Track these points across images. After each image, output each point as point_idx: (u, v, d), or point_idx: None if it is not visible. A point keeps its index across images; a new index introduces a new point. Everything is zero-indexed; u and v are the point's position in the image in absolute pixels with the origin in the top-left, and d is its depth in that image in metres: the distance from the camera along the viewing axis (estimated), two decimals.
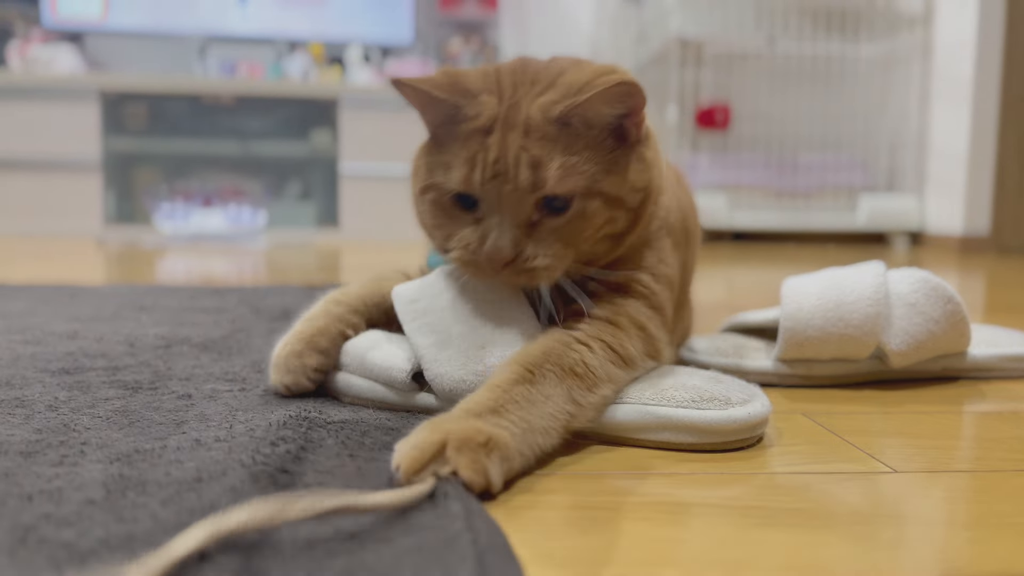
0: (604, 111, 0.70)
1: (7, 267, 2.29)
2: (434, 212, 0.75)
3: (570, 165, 0.69)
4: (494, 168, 0.69)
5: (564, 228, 0.71)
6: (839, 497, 0.59)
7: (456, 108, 0.72)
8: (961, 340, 0.94)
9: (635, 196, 0.74)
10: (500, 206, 0.70)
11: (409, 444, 0.57)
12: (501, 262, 0.69)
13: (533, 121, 0.70)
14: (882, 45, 3.60)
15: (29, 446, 0.63)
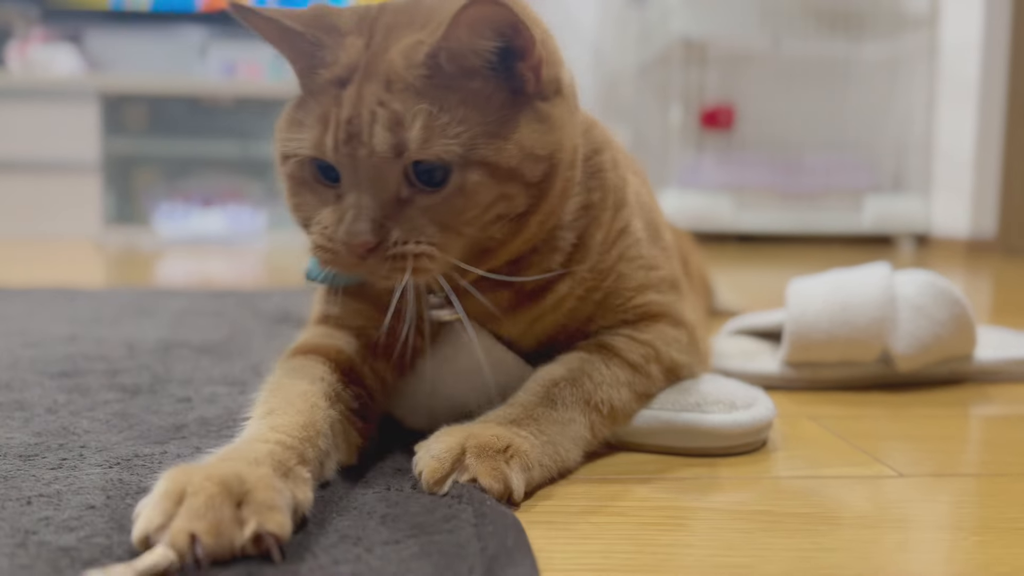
0: (475, 44, 0.56)
1: (6, 269, 2.29)
2: (293, 188, 0.61)
3: (439, 124, 0.55)
4: (347, 128, 0.56)
5: (441, 207, 0.57)
6: (845, 501, 0.58)
7: (315, 48, 0.59)
8: (968, 343, 0.93)
9: (535, 167, 0.58)
10: (355, 178, 0.56)
11: (429, 453, 0.55)
12: (361, 248, 0.55)
13: (395, 69, 0.56)
14: (887, 46, 3.59)
15: (28, 449, 0.63)
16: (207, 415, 0.73)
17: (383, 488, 0.56)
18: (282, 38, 0.60)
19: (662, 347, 0.70)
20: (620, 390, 0.65)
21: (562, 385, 0.63)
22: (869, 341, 0.89)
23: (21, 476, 0.57)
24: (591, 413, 0.63)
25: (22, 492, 0.54)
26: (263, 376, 0.88)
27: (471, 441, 0.55)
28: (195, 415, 0.73)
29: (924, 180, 3.51)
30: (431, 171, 0.56)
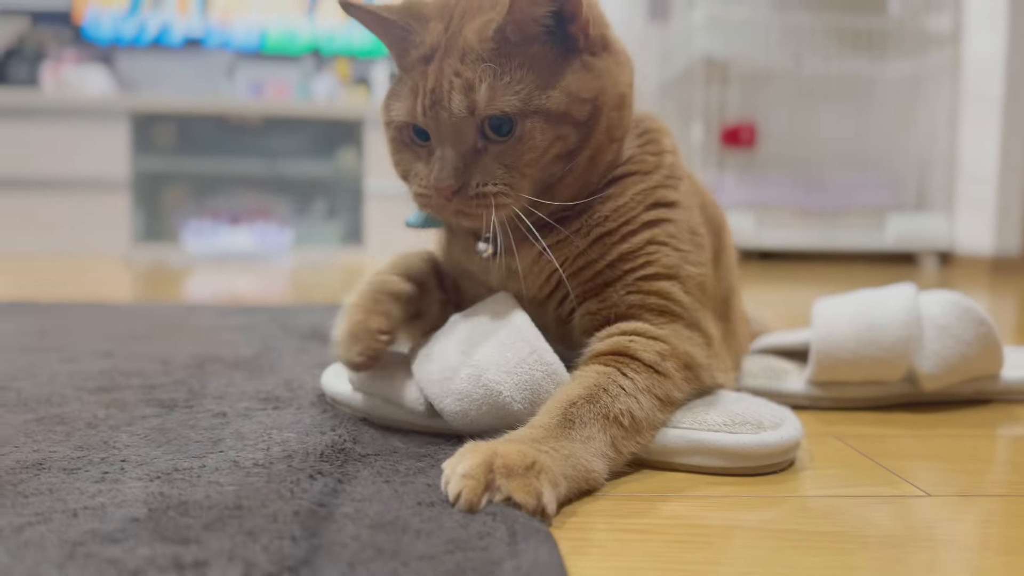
0: (534, 12, 0.67)
1: (40, 284, 2.33)
2: (394, 148, 0.75)
3: (502, 84, 0.67)
4: (432, 96, 0.68)
5: (508, 152, 0.68)
6: (872, 521, 0.59)
7: (407, 33, 0.71)
8: (993, 363, 0.94)
9: (582, 108, 0.69)
10: (440, 135, 0.69)
11: (459, 472, 0.56)
12: (447, 191, 0.68)
13: (468, 44, 0.68)
14: (910, 64, 3.58)
15: (71, 463, 0.65)
16: (243, 430, 0.75)
17: (414, 503, 0.57)
18: (380, 26, 0.73)
19: (677, 343, 0.71)
20: (639, 398, 0.66)
21: (579, 404, 0.64)
22: (895, 361, 0.89)
23: (66, 489, 0.59)
24: (611, 427, 0.64)
25: (67, 505, 0.55)
26: (295, 391, 0.90)
27: (498, 460, 0.56)
28: (231, 429, 0.75)
29: (947, 197, 3.49)
30: (500, 124, 0.68)
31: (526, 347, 0.71)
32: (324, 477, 0.61)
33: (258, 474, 0.62)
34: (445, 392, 0.71)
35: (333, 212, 4.17)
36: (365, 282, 0.80)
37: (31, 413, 0.80)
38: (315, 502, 0.56)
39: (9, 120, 3.75)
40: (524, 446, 0.59)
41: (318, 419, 0.79)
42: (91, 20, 4.04)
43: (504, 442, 0.60)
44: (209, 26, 4.11)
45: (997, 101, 3.21)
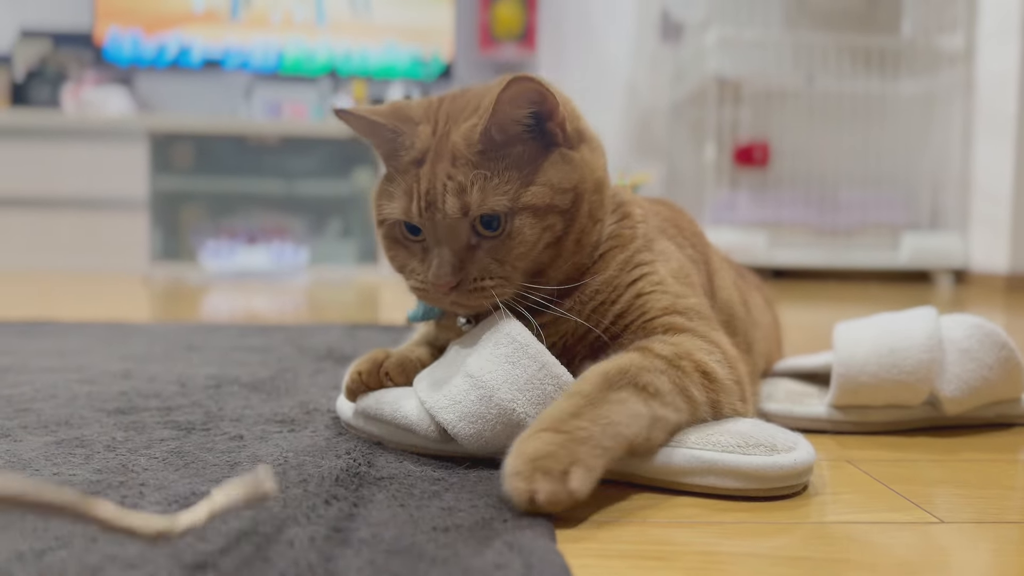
0: (515, 114, 0.72)
1: (59, 303, 2.36)
2: (388, 244, 0.78)
3: (491, 186, 0.72)
4: (426, 199, 0.73)
5: (500, 247, 0.73)
6: (885, 548, 0.59)
7: (397, 136, 0.76)
8: (1016, 386, 0.93)
9: (565, 197, 0.74)
10: (436, 235, 0.73)
11: (524, 477, 0.59)
12: (446, 288, 0.73)
13: (457, 148, 0.73)
14: (923, 82, 3.58)
15: (90, 486, 0.66)
16: (259, 453, 0.75)
17: (430, 528, 0.57)
18: (371, 130, 0.77)
19: (692, 349, 0.74)
20: (659, 377, 0.70)
21: (612, 372, 0.68)
22: (917, 384, 0.89)
23: None
24: (641, 392, 0.68)
25: (87, 529, 0.56)
26: (311, 413, 0.91)
27: (540, 464, 0.60)
28: (247, 453, 0.76)
29: (961, 216, 3.48)
30: (490, 220, 0.72)
31: (534, 363, 0.72)
32: (339, 502, 0.62)
33: (274, 499, 0.62)
34: (458, 416, 0.71)
35: (348, 231, 4.20)
36: (407, 348, 0.86)
37: (51, 435, 0.81)
38: (331, 527, 0.56)
39: (31, 141, 3.81)
40: (563, 439, 0.61)
41: (333, 442, 0.80)
42: (111, 42, 4.10)
43: (550, 435, 0.62)
44: (227, 47, 4.16)
45: (1010, 119, 3.20)
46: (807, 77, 3.53)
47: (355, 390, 0.81)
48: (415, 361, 0.82)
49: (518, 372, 0.71)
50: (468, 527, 0.58)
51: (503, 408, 0.70)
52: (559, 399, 0.67)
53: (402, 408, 0.76)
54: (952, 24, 3.45)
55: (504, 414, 0.70)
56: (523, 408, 0.70)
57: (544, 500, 0.58)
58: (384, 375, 0.80)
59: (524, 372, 0.71)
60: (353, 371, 0.81)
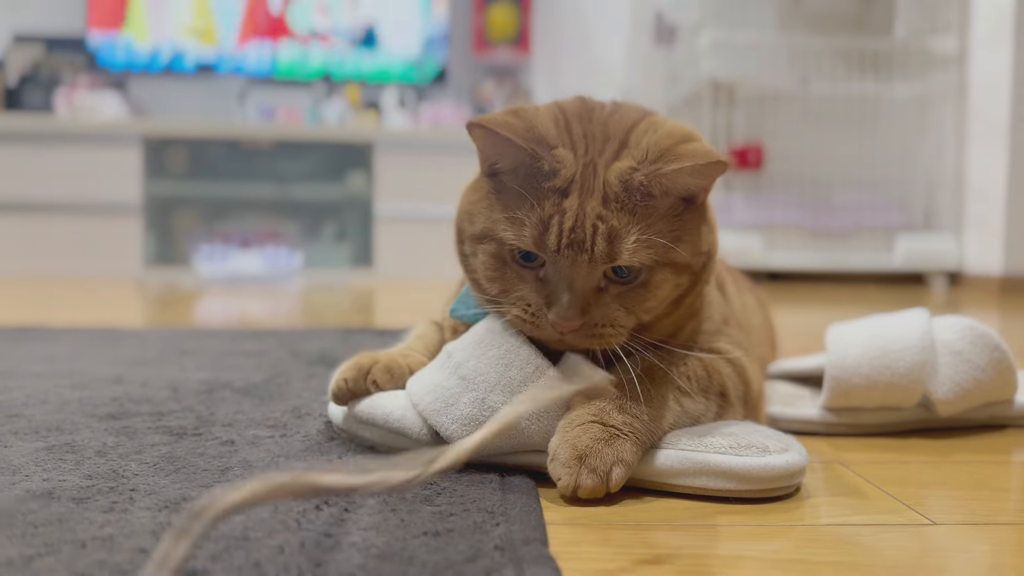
0: (688, 183, 0.70)
1: (52, 308, 2.35)
2: (492, 264, 0.73)
3: (644, 238, 0.69)
4: (570, 236, 0.68)
5: (629, 295, 0.71)
6: (879, 550, 0.59)
7: (532, 158, 0.70)
8: (1008, 388, 0.93)
9: (699, 259, 0.73)
10: (570, 274, 0.69)
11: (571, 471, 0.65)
12: (568, 329, 0.69)
13: (611, 189, 0.69)
14: (916, 85, 3.59)
15: (80, 492, 0.65)
16: (250, 458, 0.75)
17: (420, 532, 0.57)
18: (505, 148, 0.71)
19: (720, 365, 0.78)
20: (691, 382, 0.75)
21: (658, 369, 0.73)
22: (909, 386, 0.89)
23: (75, 519, 0.59)
24: (676, 392, 0.73)
25: (77, 535, 0.56)
26: (303, 418, 0.91)
27: (587, 462, 0.65)
28: (239, 458, 0.75)
29: (956, 218, 3.49)
30: (625, 270, 0.70)
31: (528, 365, 0.72)
32: (330, 507, 0.61)
33: (265, 504, 0.62)
34: (451, 419, 0.71)
35: (343, 235, 4.19)
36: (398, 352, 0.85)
37: (41, 441, 0.81)
38: (321, 532, 0.56)
39: (24, 145, 3.80)
40: (608, 436, 0.66)
41: (325, 447, 0.79)
42: (105, 46, 4.09)
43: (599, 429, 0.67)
44: (221, 52, 4.16)
45: (1004, 121, 3.21)
46: (801, 80, 3.54)
47: (341, 397, 0.80)
48: (404, 367, 0.81)
49: (512, 374, 0.72)
50: (460, 532, 0.57)
51: (496, 411, 0.70)
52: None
53: (394, 412, 0.76)
54: (945, 27, 3.46)
55: (497, 417, 0.70)
56: None
57: (585, 494, 0.65)
58: (371, 383, 0.79)
59: (518, 374, 0.72)
60: (339, 378, 0.80)
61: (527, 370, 0.72)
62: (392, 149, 3.96)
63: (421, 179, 3.88)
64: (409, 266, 3.89)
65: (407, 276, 3.85)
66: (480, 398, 0.71)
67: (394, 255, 3.94)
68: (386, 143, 3.97)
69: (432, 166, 3.83)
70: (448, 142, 3.85)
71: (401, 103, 4.21)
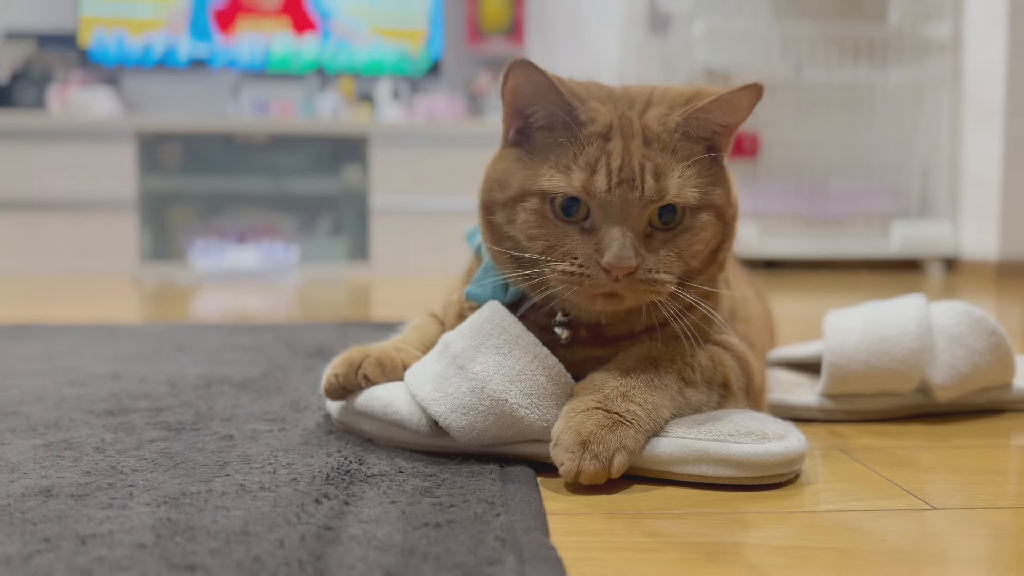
0: (717, 119, 0.72)
1: (47, 306, 2.34)
2: (534, 222, 0.72)
3: (687, 176, 0.70)
4: (620, 175, 0.69)
5: (676, 241, 0.71)
6: (878, 536, 0.59)
7: (568, 109, 0.71)
8: (1006, 372, 0.94)
9: (730, 210, 0.74)
10: (622, 215, 0.69)
11: (574, 457, 0.65)
12: (624, 271, 0.68)
13: (651, 131, 0.71)
14: (911, 72, 3.58)
15: (79, 489, 0.65)
16: (249, 452, 0.75)
17: (421, 524, 0.57)
18: (546, 94, 0.72)
19: (724, 358, 0.78)
20: (695, 373, 0.75)
21: (663, 359, 0.74)
22: (907, 372, 0.89)
23: (74, 516, 0.59)
24: (680, 381, 0.73)
25: (76, 531, 0.56)
26: (301, 411, 0.91)
27: (590, 448, 0.65)
28: (238, 452, 0.75)
29: (951, 204, 3.49)
30: (665, 213, 0.70)
31: (526, 354, 0.72)
32: (330, 500, 0.61)
33: (265, 498, 0.62)
34: (449, 408, 0.71)
35: (339, 229, 4.18)
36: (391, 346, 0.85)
37: (39, 438, 0.80)
38: (322, 525, 0.56)
39: (17, 143, 3.78)
40: (612, 423, 0.67)
41: (324, 440, 0.79)
42: (97, 42, 4.07)
43: (602, 415, 0.67)
44: (214, 46, 4.14)
45: (998, 107, 3.21)
46: (795, 68, 3.53)
47: (332, 393, 0.80)
48: (396, 360, 0.81)
49: (510, 363, 0.72)
50: (460, 523, 0.57)
51: (495, 399, 0.70)
52: (610, 371, 0.72)
53: (393, 403, 0.76)
54: (939, 13, 3.46)
55: (496, 405, 0.70)
56: (515, 399, 0.70)
57: (587, 480, 0.66)
58: (362, 377, 0.79)
59: (516, 363, 0.72)
60: (330, 373, 0.81)
61: (525, 359, 0.72)
62: (387, 142, 3.94)
63: (416, 172, 3.87)
64: (405, 259, 3.88)
65: (403, 270, 3.84)
66: (479, 387, 0.71)
67: (390, 249, 3.93)
68: (381, 136, 3.95)
69: (427, 159, 3.82)
70: (443, 134, 3.83)
71: (395, 95, 4.19)
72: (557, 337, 0.77)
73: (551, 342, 0.76)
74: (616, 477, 0.67)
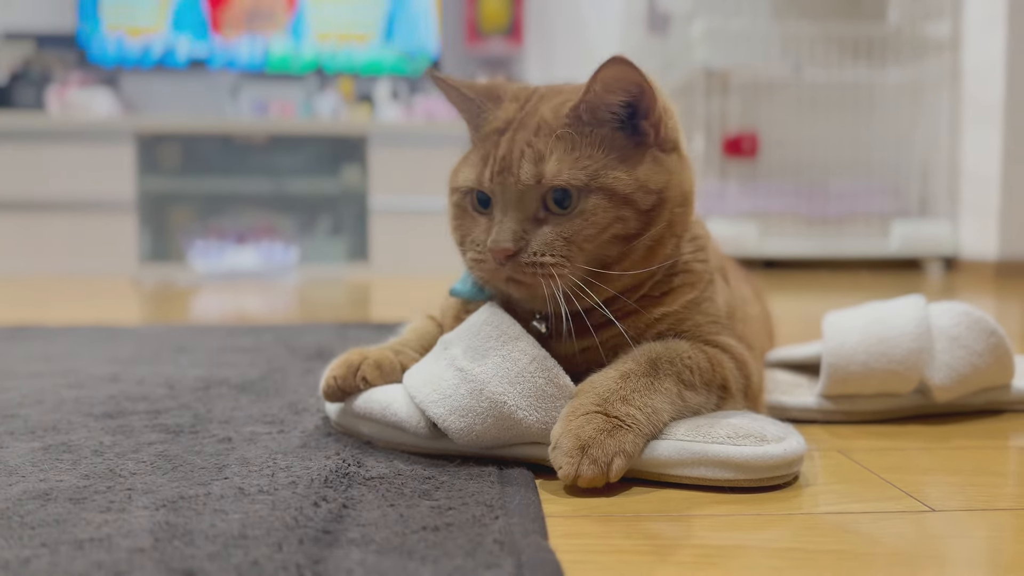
0: (608, 99, 0.72)
1: (47, 307, 2.34)
2: (455, 213, 0.78)
3: (572, 158, 0.71)
4: (501, 164, 0.73)
5: (568, 224, 0.71)
6: (877, 538, 0.59)
7: (479, 111, 0.77)
8: (1005, 373, 0.93)
9: (647, 197, 0.72)
10: (503, 201, 0.72)
11: (572, 461, 0.65)
12: (502, 255, 0.70)
13: (544, 120, 0.73)
14: (910, 71, 3.58)
15: (77, 492, 0.65)
16: (248, 455, 0.75)
17: (420, 527, 0.57)
18: (460, 100, 0.78)
19: (723, 360, 0.78)
20: (695, 375, 0.75)
21: (663, 361, 0.73)
22: (906, 373, 0.89)
23: (72, 520, 0.59)
24: (679, 383, 0.73)
25: (74, 536, 0.56)
26: (300, 414, 0.91)
27: (589, 452, 0.65)
28: (236, 455, 0.75)
29: (951, 203, 3.49)
30: (562, 198, 0.71)
31: (525, 356, 0.72)
32: (328, 503, 0.61)
33: (263, 501, 0.62)
34: (448, 410, 0.71)
35: (338, 229, 4.18)
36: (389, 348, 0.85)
37: (38, 441, 0.80)
38: (320, 528, 0.56)
39: (16, 143, 3.78)
40: (611, 427, 0.67)
41: (322, 442, 0.79)
42: (96, 43, 4.07)
43: (601, 420, 0.67)
44: (213, 47, 4.14)
45: (998, 106, 3.21)
46: (795, 67, 3.53)
47: (331, 395, 0.81)
48: (395, 362, 0.81)
49: (508, 365, 0.72)
50: (459, 526, 0.57)
51: (494, 401, 0.70)
52: (609, 374, 0.71)
53: (392, 405, 0.76)
54: (938, 12, 3.45)
55: (495, 407, 0.70)
56: (514, 401, 0.70)
57: (585, 483, 0.65)
58: (361, 379, 0.79)
59: (515, 365, 0.72)
60: (328, 376, 0.81)
61: (524, 361, 0.72)
62: (386, 142, 3.94)
63: (416, 172, 3.87)
64: (405, 260, 3.88)
65: (402, 270, 3.84)
66: (477, 389, 0.71)
67: (389, 249, 3.94)
68: (380, 136, 3.95)
69: (426, 159, 3.82)
70: (442, 135, 3.83)
71: (394, 96, 4.19)
72: (538, 331, 0.77)
73: (538, 337, 0.76)
74: (615, 481, 0.67)
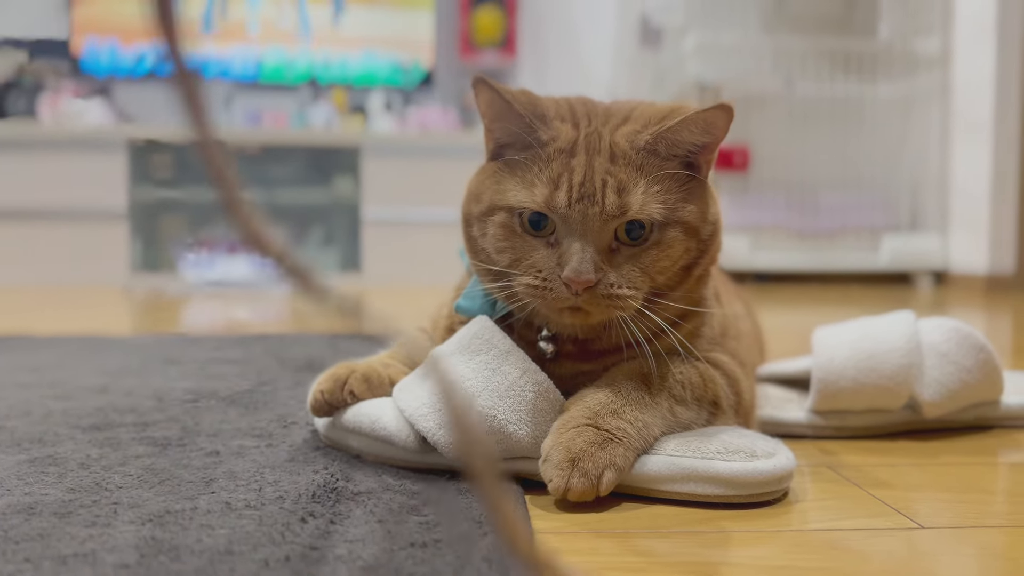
0: (691, 138, 0.72)
1: (37, 316, 2.33)
2: (502, 235, 0.73)
3: (653, 191, 0.71)
4: (580, 190, 0.70)
5: (642, 256, 0.71)
6: (867, 555, 0.59)
7: (530, 129, 0.72)
8: (994, 388, 0.94)
9: (706, 227, 0.74)
10: (583, 229, 0.70)
11: (562, 474, 0.65)
12: (582, 285, 0.68)
13: (619, 148, 0.71)
14: (900, 86, 3.61)
15: (63, 506, 0.64)
16: (235, 469, 0.74)
17: (407, 543, 0.57)
18: (505, 113, 0.73)
19: (715, 376, 0.78)
20: (687, 391, 0.75)
21: (654, 376, 0.74)
22: (896, 388, 0.89)
23: (56, 534, 0.58)
24: (670, 399, 0.74)
25: (58, 551, 0.55)
26: (289, 427, 0.90)
27: (579, 465, 0.65)
28: (224, 469, 0.74)
29: (941, 217, 3.51)
30: (633, 229, 0.71)
31: (515, 369, 0.72)
32: (316, 519, 0.61)
33: (250, 516, 0.61)
34: (437, 424, 0.71)
35: (330, 239, 4.18)
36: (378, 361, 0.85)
37: (24, 454, 0.80)
38: (307, 545, 0.56)
39: (8, 152, 3.76)
40: (601, 440, 0.67)
41: (311, 456, 0.79)
42: (89, 52, 4.07)
43: (592, 432, 0.67)
44: (206, 56, 4.14)
45: (987, 121, 3.23)
46: (786, 81, 3.55)
47: (318, 409, 0.80)
48: (383, 376, 0.81)
49: (498, 379, 0.71)
50: (447, 542, 0.57)
51: (483, 415, 0.70)
52: (601, 388, 0.72)
53: (381, 419, 0.76)
54: (928, 28, 3.48)
55: (484, 421, 0.70)
56: (504, 415, 0.70)
57: (575, 497, 0.65)
58: (348, 393, 0.79)
59: (505, 379, 0.71)
60: (315, 390, 0.80)
61: (514, 375, 0.72)
62: (379, 153, 3.95)
63: (408, 183, 3.87)
64: (397, 270, 3.87)
65: (395, 280, 3.84)
66: None
67: (382, 259, 3.93)
68: (373, 147, 3.96)
69: (419, 170, 3.82)
70: (435, 146, 3.84)
71: (387, 107, 4.20)
72: (544, 352, 0.77)
73: (538, 358, 0.76)
74: (604, 494, 0.66)
